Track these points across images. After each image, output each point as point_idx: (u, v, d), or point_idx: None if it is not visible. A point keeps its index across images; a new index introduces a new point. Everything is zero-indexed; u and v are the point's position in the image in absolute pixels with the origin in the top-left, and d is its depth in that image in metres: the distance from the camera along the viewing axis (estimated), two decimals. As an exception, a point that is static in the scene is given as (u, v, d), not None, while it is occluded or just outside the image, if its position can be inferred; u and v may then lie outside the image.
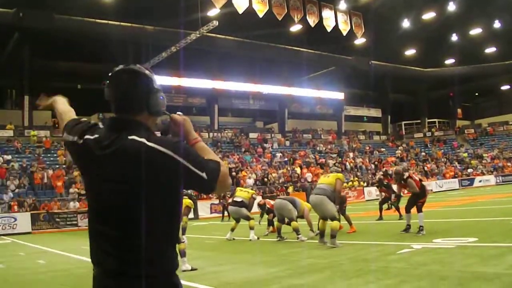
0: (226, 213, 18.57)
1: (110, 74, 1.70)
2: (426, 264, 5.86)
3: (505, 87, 46.04)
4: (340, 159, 34.96)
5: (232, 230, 11.23)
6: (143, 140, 1.59)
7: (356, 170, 33.87)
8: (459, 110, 48.43)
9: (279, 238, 10.25)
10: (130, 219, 1.57)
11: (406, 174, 10.04)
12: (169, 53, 27.88)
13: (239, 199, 11.22)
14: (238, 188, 12.95)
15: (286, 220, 10.29)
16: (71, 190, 22.33)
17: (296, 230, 9.90)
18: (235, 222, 11.47)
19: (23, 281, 7.48)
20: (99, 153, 1.62)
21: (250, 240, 10.65)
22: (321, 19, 29.30)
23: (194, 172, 1.57)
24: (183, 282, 1.73)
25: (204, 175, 1.58)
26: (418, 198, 9.52)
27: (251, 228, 10.85)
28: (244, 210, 11.08)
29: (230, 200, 14.09)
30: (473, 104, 52.01)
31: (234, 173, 28.06)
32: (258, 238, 10.78)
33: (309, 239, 9.94)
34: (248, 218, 11.01)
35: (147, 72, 1.72)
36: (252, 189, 15.97)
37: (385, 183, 14.35)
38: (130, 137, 1.60)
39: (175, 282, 1.65)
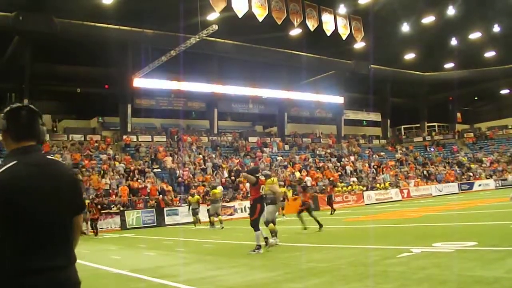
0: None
1: (9, 109, 2.09)
2: (425, 268, 5.86)
3: (504, 91, 46.08)
4: (339, 163, 35.00)
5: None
6: (56, 159, 2.10)
7: (355, 174, 33.88)
8: (458, 114, 48.48)
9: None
10: (65, 222, 1.99)
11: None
12: (169, 57, 27.86)
13: None
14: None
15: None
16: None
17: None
18: None
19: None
20: (32, 171, 1.94)
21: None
22: (320, 23, 29.33)
23: (81, 194, 2.18)
24: (183, 286, 1.73)
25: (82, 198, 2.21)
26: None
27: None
28: None
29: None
30: (472, 108, 52.09)
31: (234, 177, 28.06)
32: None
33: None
34: None
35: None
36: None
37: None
38: (47, 157, 2.06)
39: None
